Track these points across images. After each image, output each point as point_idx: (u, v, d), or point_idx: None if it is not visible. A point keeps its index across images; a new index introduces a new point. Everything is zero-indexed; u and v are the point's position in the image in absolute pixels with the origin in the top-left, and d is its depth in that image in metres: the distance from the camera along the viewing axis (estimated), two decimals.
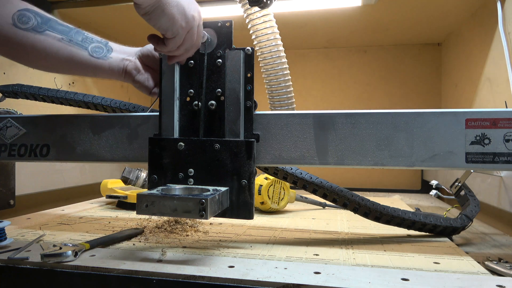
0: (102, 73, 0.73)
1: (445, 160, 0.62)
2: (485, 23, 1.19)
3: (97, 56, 0.71)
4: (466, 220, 0.81)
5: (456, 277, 0.55)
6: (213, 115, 0.70)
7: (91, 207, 1.13)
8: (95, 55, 0.71)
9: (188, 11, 0.61)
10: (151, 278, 0.55)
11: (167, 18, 0.59)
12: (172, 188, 0.65)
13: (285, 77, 0.83)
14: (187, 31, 0.63)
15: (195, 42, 0.66)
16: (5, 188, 0.95)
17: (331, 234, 0.83)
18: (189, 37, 0.64)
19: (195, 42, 0.66)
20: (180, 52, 0.66)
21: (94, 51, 0.71)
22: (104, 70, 0.72)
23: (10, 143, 0.81)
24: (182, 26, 0.61)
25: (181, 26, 0.61)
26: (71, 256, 0.59)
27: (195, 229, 0.83)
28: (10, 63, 1.11)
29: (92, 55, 0.70)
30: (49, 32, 0.68)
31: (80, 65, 0.71)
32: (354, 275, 0.55)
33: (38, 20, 0.68)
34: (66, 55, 0.69)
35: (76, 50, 0.69)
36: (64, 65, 0.70)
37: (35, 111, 1.16)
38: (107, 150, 0.76)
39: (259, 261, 0.61)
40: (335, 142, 0.66)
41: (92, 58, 0.71)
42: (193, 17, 0.62)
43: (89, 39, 0.71)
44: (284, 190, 1.07)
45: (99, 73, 0.73)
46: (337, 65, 1.80)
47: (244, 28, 0.84)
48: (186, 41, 0.64)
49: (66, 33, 0.69)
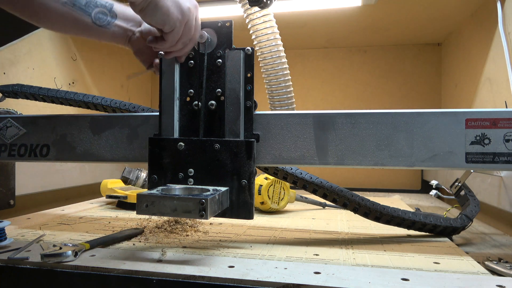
0: (105, 39, 0.74)
1: (445, 160, 0.62)
2: (485, 23, 1.19)
3: (99, 24, 0.71)
4: (466, 220, 0.81)
5: (456, 277, 0.55)
6: (213, 115, 0.70)
7: (91, 207, 1.13)
8: (97, 23, 0.71)
9: (183, 3, 0.62)
10: (151, 278, 0.55)
11: (162, 11, 0.59)
12: (172, 188, 0.64)
13: (285, 77, 0.83)
14: (184, 23, 0.63)
15: (193, 36, 0.66)
16: (5, 188, 0.95)
17: (331, 234, 0.83)
18: (187, 30, 0.64)
19: (193, 35, 0.66)
20: (178, 46, 0.66)
21: (97, 18, 0.71)
22: (107, 37, 0.73)
23: (10, 143, 0.81)
24: (179, 18, 0.61)
25: (177, 19, 0.61)
26: (71, 256, 0.59)
27: (195, 229, 0.83)
28: (10, 63, 1.11)
29: (95, 22, 0.70)
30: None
31: (83, 30, 0.71)
32: (354, 275, 0.55)
33: None
34: (70, 19, 0.69)
35: (79, 16, 0.69)
36: (70, 28, 0.72)
37: (35, 111, 1.16)
38: (107, 150, 0.76)
39: (259, 261, 0.61)
40: (335, 142, 0.66)
41: (95, 25, 0.71)
42: (188, 9, 0.62)
43: (93, 3, 0.70)
44: (284, 190, 1.07)
45: (102, 39, 0.74)
46: (337, 65, 1.80)
47: (244, 28, 0.84)
48: (184, 34, 0.64)
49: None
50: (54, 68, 1.29)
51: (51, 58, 1.28)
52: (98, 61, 1.53)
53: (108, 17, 0.72)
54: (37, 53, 1.21)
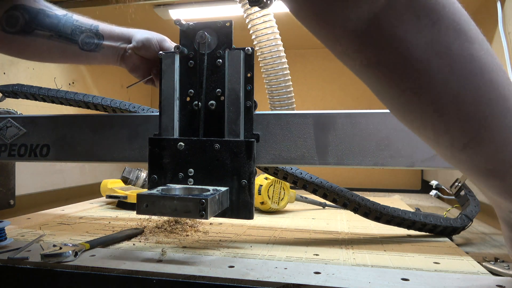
0: (97, 62, 0.74)
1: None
2: (485, 23, 1.19)
3: (88, 48, 0.71)
4: (466, 220, 0.81)
5: (456, 277, 0.55)
6: (213, 115, 0.70)
7: (91, 207, 1.13)
8: (86, 48, 0.71)
9: None
10: (151, 278, 0.55)
11: None
12: (172, 188, 0.64)
13: (285, 77, 0.83)
14: None
15: None
16: (5, 188, 0.95)
17: (331, 234, 0.83)
18: None
19: None
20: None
21: (85, 44, 0.71)
22: (97, 60, 0.73)
23: (10, 143, 0.81)
24: None
25: None
26: (71, 256, 0.59)
27: (195, 229, 0.83)
28: (10, 63, 1.11)
29: (83, 48, 0.71)
30: (38, 31, 0.68)
31: (73, 58, 0.72)
32: (354, 275, 0.55)
33: (26, 18, 0.67)
34: (57, 50, 0.70)
35: (66, 46, 0.70)
36: (58, 59, 0.73)
37: (35, 111, 1.16)
38: (107, 150, 0.76)
39: (259, 261, 0.61)
40: (335, 142, 0.66)
41: (83, 52, 0.71)
42: None
43: (78, 29, 0.70)
44: (284, 190, 1.07)
45: (93, 63, 0.74)
46: (337, 65, 1.79)
47: (244, 28, 0.84)
48: None
49: (54, 26, 0.69)
50: (54, 68, 1.29)
51: None
52: None
53: (95, 40, 0.71)
54: None
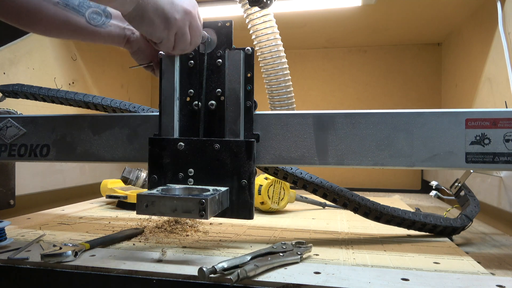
0: (101, 41, 0.71)
1: (445, 160, 0.62)
2: (485, 23, 1.19)
3: (94, 23, 0.69)
4: (466, 220, 0.81)
5: (456, 277, 0.55)
6: (213, 115, 0.70)
7: (91, 207, 1.13)
8: (92, 23, 0.69)
9: (171, 13, 0.59)
10: (151, 278, 0.55)
11: (146, 24, 0.58)
12: (172, 188, 0.64)
13: (285, 77, 0.83)
14: (173, 34, 0.61)
15: (193, 41, 0.64)
16: (5, 188, 0.95)
17: (331, 234, 0.83)
18: (179, 39, 0.62)
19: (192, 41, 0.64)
20: (177, 52, 0.65)
21: (92, 18, 0.69)
22: (102, 38, 0.71)
23: (10, 143, 0.81)
24: (165, 30, 0.60)
25: (163, 31, 0.59)
26: (71, 256, 0.59)
27: (195, 229, 0.83)
28: (10, 63, 1.11)
29: (90, 22, 0.68)
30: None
31: (78, 31, 0.69)
32: (354, 275, 0.55)
33: None
34: (62, 19, 0.67)
35: (72, 16, 0.67)
36: (62, 30, 0.69)
37: (35, 111, 1.16)
38: (107, 150, 0.76)
39: None
40: (335, 142, 0.66)
41: (90, 25, 0.69)
42: (175, 20, 0.60)
43: (86, 3, 0.69)
44: (284, 190, 1.07)
45: (98, 40, 0.71)
46: (337, 65, 1.80)
47: (244, 28, 0.84)
48: (177, 44, 0.63)
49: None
50: (54, 68, 1.29)
51: (51, 58, 1.28)
52: (98, 61, 1.53)
53: (102, 17, 0.70)
54: (37, 53, 1.21)
